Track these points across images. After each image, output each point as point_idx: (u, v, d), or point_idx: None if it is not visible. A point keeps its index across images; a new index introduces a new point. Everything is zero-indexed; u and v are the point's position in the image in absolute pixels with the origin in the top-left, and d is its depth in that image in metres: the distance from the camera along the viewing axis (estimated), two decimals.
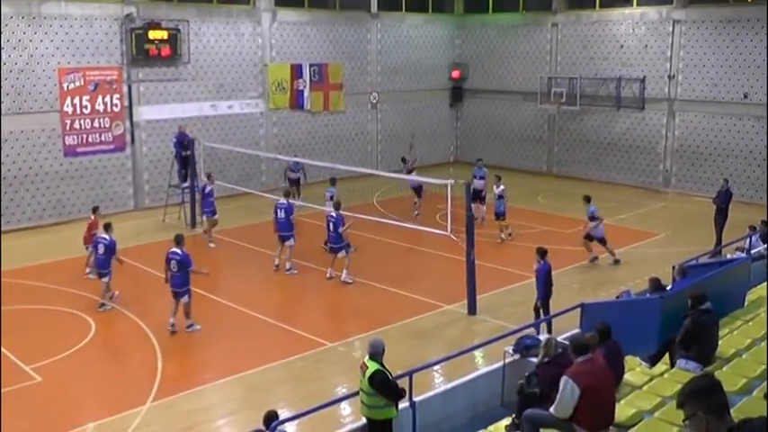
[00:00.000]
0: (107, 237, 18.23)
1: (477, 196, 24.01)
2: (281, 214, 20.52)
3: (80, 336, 16.70)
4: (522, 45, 35.79)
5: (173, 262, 16.68)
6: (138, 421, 13.11)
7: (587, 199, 21.61)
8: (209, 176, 23.59)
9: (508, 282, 19.63)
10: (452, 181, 18.64)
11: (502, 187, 23.15)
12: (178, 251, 16.65)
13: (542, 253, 16.13)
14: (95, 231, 19.63)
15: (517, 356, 12.44)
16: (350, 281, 19.63)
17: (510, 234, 23.41)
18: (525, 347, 12.50)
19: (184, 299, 16.77)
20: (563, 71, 34.14)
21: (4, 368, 14.95)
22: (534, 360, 11.25)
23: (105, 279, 18.13)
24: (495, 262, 20.65)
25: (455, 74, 38.09)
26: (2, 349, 15.28)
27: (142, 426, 12.98)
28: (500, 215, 23.22)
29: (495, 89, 36.89)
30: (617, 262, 21.12)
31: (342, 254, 19.79)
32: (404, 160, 27.31)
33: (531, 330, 13.95)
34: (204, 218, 23.31)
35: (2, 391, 13.55)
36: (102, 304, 17.89)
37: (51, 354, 15.69)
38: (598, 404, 8.55)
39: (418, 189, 25.67)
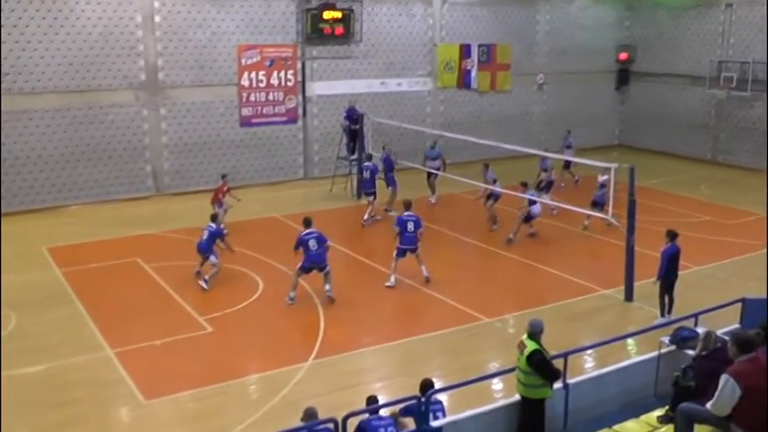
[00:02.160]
0: (213, 225, 18.84)
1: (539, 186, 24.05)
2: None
3: (249, 293, 17.72)
4: (692, 27, 34.46)
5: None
6: (300, 376, 13.73)
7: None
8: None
9: None
10: (616, 165, 18.50)
11: (605, 177, 22.42)
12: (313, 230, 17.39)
13: (672, 235, 16.02)
14: (221, 196, 21.59)
15: (673, 347, 12.07)
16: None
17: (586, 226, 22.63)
18: (682, 339, 12.03)
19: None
20: (735, 55, 32.66)
21: (180, 318, 16.24)
22: (691, 353, 10.92)
23: (212, 259, 18.44)
24: (655, 249, 20.36)
25: (622, 56, 37.18)
26: None
27: (303, 381, 13.59)
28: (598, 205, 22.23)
29: (663, 72, 35.74)
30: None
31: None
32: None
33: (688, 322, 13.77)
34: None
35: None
36: (205, 280, 18.12)
37: (222, 308, 16.77)
38: (759, 406, 8.25)
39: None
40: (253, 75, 27.75)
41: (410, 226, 18.24)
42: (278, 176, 28.19)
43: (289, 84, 28.47)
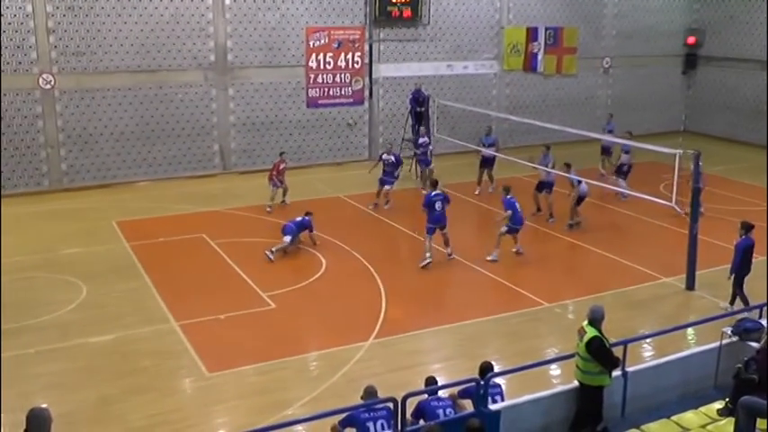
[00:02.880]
0: (308, 218, 19.60)
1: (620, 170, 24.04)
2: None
3: (312, 271, 18.05)
4: (762, 10, 33.43)
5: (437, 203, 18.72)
6: (360, 355, 13.95)
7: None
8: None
9: (730, 260, 19.15)
10: (681, 151, 18.31)
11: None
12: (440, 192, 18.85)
13: (747, 228, 15.70)
14: (276, 172, 22.36)
15: (735, 339, 11.83)
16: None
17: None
18: (745, 330, 11.82)
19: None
20: None
21: (244, 293, 16.61)
22: (754, 345, 10.91)
23: (287, 239, 19.13)
24: (718, 238, 20.12)
25: (690, 40, 36.47)
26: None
27: (363, 359, 13.81)
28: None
29: (731, 57, 35.00)
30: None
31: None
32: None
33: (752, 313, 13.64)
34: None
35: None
36: (272, 251, 18.79)
37: (286, 285, 17.13)
38: None
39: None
40: (320, 56, 28.03)
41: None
42: (343, 157, 28.54)
43: (356, 66, 28.70)
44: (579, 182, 21.02)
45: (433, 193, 18.79)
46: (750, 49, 34.26)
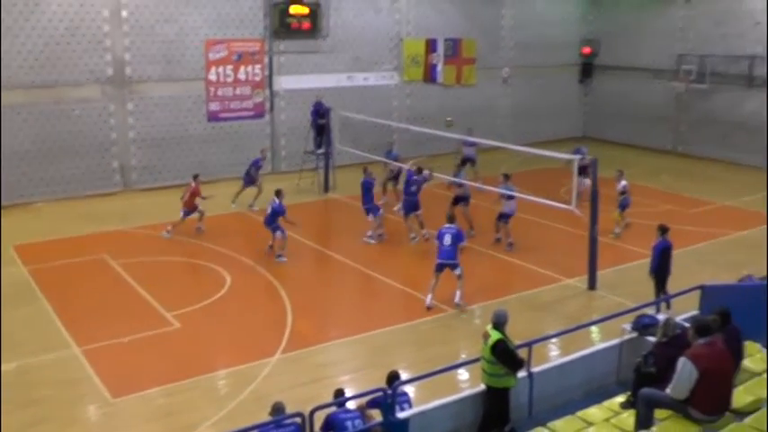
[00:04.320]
0: (276, 201, 19.76)
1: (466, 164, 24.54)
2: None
3: (216, 288, 17.75)
4: (653, 21, 35.05)
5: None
6: (268, 371, 13.83)
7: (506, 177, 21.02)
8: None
9: (629, 259, 19.67)
10: (579, 157, 18.75)
11: (624, 182, 22.30)
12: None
13: (663, 230, 16.13)
14: (199, 197, 21.46)
15: (635, 335, 12.26)
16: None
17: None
18: (643, 326, 12.26)
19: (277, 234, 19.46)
20: (694, 48, 33.29)
21: (148, 314, 16.23)
22: (652, 339, 11.16)
23: (278, 234, 19.71)
24: (617, 239, 20.69)
25: (586, 50, 37.79)
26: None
27: (271, 375, 13.69)
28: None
29: (625, 66, 36.30)
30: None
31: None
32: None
33: (650, 309, 14.03)
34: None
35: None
36: (279, 256, 19.60)
37: (190, 303, 16.78)
38: (716, 388, 8.48)
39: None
40: (220, 69, 27.73)
41: (447, 239, 16.78)
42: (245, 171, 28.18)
43: (256, 78, 28.50)
44: (509, 197, 20.79)
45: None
46: (642, 58, 35.55)
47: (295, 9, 28.21)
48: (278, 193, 20.03)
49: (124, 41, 25.99)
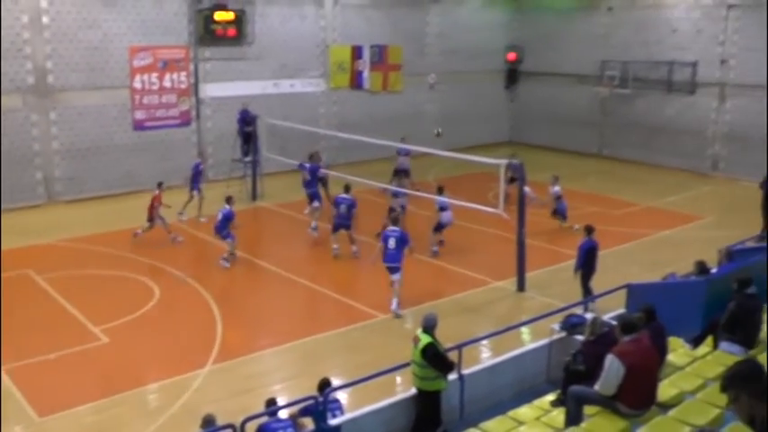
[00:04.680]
0: (227, 207, 19.91)
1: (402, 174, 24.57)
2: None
3: (145, 300, 17.49)
4: (576, 29, 35.92)
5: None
6: (198, 383, 13.69)
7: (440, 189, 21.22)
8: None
9: (557, 260, 20.00)
10: (506, 161, 18.98)
11: (557, 188, 23.08)
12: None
13: (589, 230, 16.59)
14: (157, 205, 21.18)
15: (563, 334, 12.54)
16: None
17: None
18: (572, 325, 12.55)
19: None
20: (616, 55, 34.13)
21: (75, 330, 15.90)
22: (580, 338, 11.34)
23: (229, 240, 19.87)
24: (544, 241, 20.94)
25: (511, 56, 38.37)
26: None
27: (202, 387, 13.56)
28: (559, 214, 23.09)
29: (550, 72, 37.01)
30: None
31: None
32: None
33: (578, 309, 14.26)
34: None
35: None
36: (226, 259, 19.82)
37: (118, 317, 16.46)
38: (642, 383, 8.65)
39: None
40: (145, 77, 27.29)
41: (391, 242, 17.14)
42: (173, 180, 27.61)
43: (182, 86, 28.17)
44: (442, 208, 20.84)
45: (341, 197, 19.98)
46: (566, 63, 36.27)
47: (220, 16, 28.05)
48: (228, 200, 20.17)
49: (45, 49, 25.39)
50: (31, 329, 15.96)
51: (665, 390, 9.30)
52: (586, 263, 16.40)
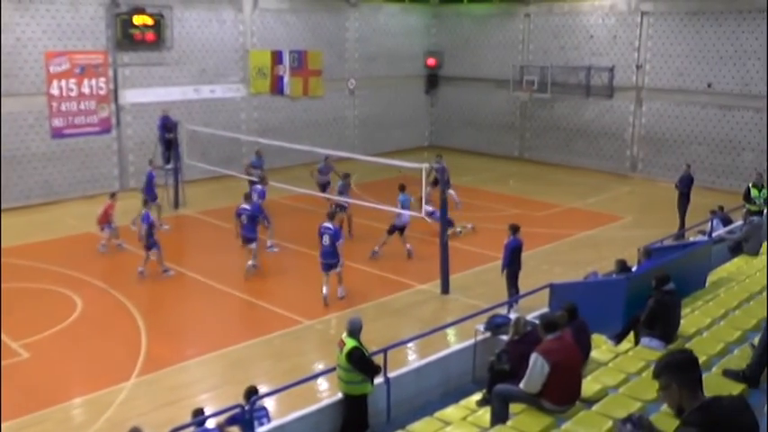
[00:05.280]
0: (148, 215, 19.62)
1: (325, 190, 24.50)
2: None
3: (66, 313, 17.12)
4: (495, 34, 36.50)
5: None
6: (123, 396, 13.47)
7: (401, 188, 21.31)
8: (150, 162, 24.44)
9: (480, 262, 20.17)
10: (427, 165, 19.15)
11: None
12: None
13: (514, 229, 16.74)
14: (111, 213, 21.09)
15: (488, 334, 12.68)
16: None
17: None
18: (496, 326, 12.70)
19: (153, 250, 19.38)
20: (535, 60, 34.85)
21: None
22: (504, 338, 11.51)
23: (154, 250, 19.50)
24: (467, 243, 21.14)
25: (430, 61, 38.75)
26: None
27: (127, 401, 13.33)
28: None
29: (469, 77, 37.51)
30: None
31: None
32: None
33: (502, 309, 14.48)
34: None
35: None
36: (166, 270, 19.64)
37: (38, 331, 16.08)
38: (566, 380, 8.79)
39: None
40: (63, 83, 26.65)
41: (325, 239, 17.52)
42: (94, 189, 27.24)
43: (101, 92, 27.59)
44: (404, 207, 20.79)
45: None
46: (485, 68, 36.86)
47: (138, 19, 27.66)
48: (146, 203, 20.31)
49: None
50: None
51: (589, 385, 9.45)
52: (512, 261, 16.61)
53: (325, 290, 17.61)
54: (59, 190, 26.78)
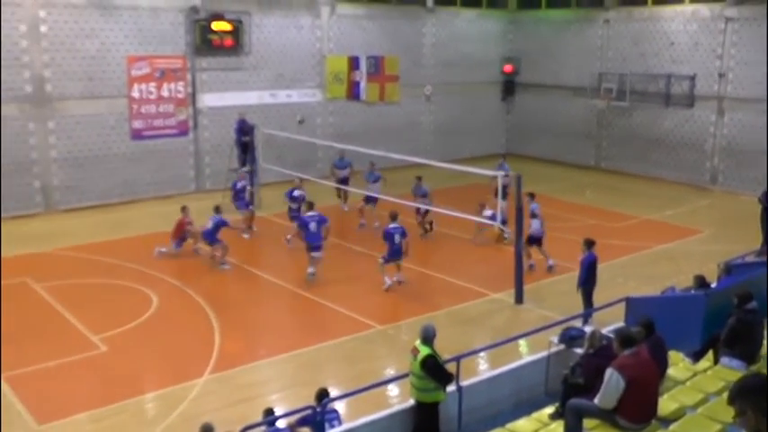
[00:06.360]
0: (217, 216, 20.60)
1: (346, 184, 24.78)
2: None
3: (143, 309, 17.48)
4: (573, 41, 35.95)
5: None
6: (196, 392, 13.65)
7: (531, 195, 20.73)
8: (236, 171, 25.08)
9: (555, 272, 19.99)
10: (502, 173, 19.02)
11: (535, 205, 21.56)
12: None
13: (589, 244, 16.40)
14: (189, 228, 21.32)
15: (562, 347, 12.52)
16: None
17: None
18: (570, 338, 12.53)
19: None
20: (613, 67, 34.16)
21: (73, 338, 15.88)
22: (579, 351, 11.34)
23: (216, 245, 20.53)
24: (540, 252, 20.97)
25: (507, 68, 38.40)
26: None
27: (200, 396, 13.52)
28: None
29: (546, 84, 37.06)
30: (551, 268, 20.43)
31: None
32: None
33: (576, 322, 14.26)
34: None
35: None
36: (224, 263, 20.46)
37: (116, 325, 16.45)
38: (642, 397, 8.63)
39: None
40: (143, 86, 27.36)
41: (396, 238, 18.46)
42: (170, 189, 27.85)
43: (179, 95, 28.22)
44: (533, 216, 20.25)
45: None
46: (562, 76, 36.30)
47: (217, 26, 28.17)
48: (217, 209, 20.81)
49: (43, 58, 25.42)
50: (30, 337, 15.93)
51: (666, 404, 9.28)
52: (588, 278, 16.31)
53: (387, 280, 18.55)
54: (137, 190, 27.46)
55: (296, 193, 22.93)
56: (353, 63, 32.70)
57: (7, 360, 14.66)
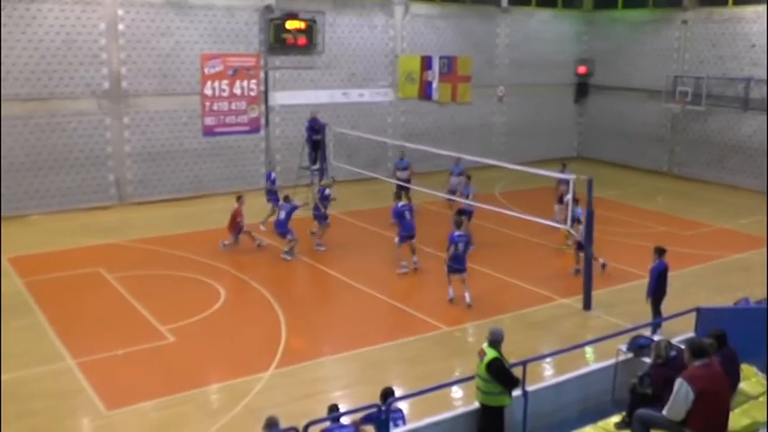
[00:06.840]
0: (288, 205, 21.08)
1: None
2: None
3: (210, 302, 17.69)
4: (649, 42, 35.24)
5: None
6: (261, 386, 13.75)
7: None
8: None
9: (624, 280, 19.62)
10: (575, 176, 18.76)
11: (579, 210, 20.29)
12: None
13: (660, 252, 15.98)
14: (240, 219, 21.39)
15: (630, 355, 12.26)
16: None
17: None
18: (639, 347, 12.26)
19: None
20: (690, 70, 33.38)
21: (142, 328, 16.19)
22: (647, 360, 11.16)
23: (288, 237, 20.98)
24: (612, 259, 20.63)
25: (581, 69, 37.93)
26: None
27: (264, 390, 13.61)
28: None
29: (620, 86, 36.45)
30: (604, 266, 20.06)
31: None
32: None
33: (645, 330, 14.01)
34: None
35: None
36: (288, 252, 20.96)
37: (184, 317, 16.71)
38: (712, 410, 8.46)
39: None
40: (216, 84, 27.81)
41: (460, 246, 17.93)
42: (240, 185, 28.17)
43: (251, 93, 28.57)
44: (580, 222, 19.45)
45: (401, 204, 20.38)
46: (637, 78, 35.65)
47: (291, 24, 28.43)
48: (287, 198, 21.38)
49: (120, 55, 26.05)
50: (100, 326, 16.32)
51: (737, 418, 9.10)
52: (658, 287, 15.93)
53: (451, 292, 18.11)
54: (208, 185, 27.94)
55: (327, 192, 22.77)
56: (426, 63, 32.69)
57: (80, 346, 15.11)
